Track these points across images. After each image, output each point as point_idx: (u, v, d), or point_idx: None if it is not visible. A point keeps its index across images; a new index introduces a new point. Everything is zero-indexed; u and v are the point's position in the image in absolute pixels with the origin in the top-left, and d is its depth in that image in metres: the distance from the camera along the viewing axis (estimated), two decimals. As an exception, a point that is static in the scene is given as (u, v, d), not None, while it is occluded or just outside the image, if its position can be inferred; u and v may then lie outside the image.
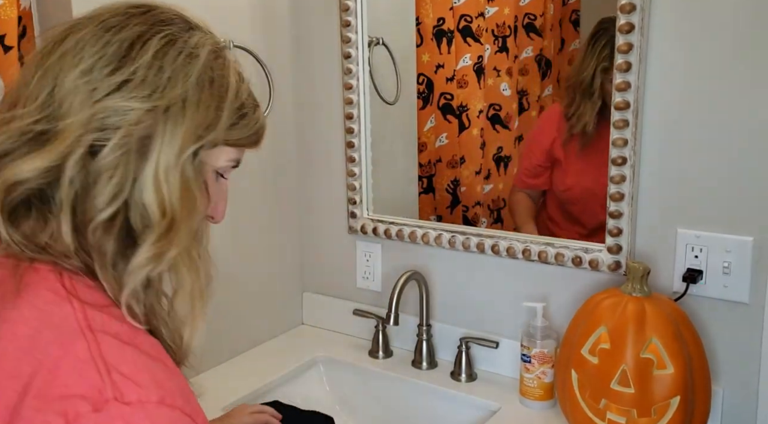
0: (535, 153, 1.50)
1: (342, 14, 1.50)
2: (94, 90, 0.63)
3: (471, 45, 1.53)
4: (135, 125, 0.63)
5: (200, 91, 0.67)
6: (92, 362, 0.56)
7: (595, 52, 1.33)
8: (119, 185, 0.62)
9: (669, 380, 1.07)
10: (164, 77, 0.65)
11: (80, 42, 0.65)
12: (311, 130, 1.64)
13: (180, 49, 0.68)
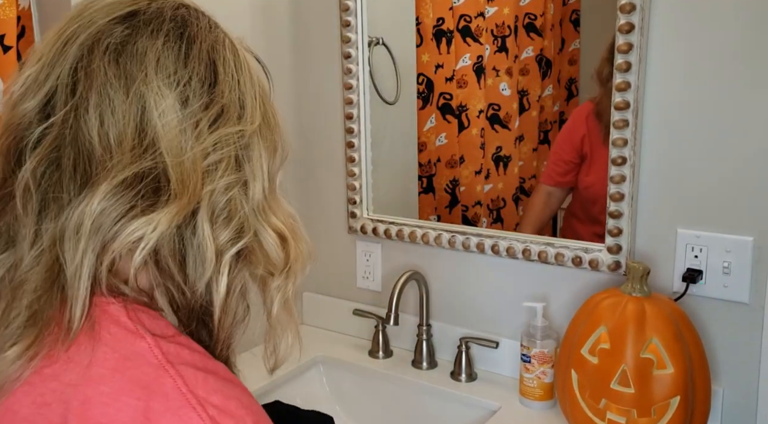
0: (566, 149, 1.50)
1: (342, 14, 1.50)
2: (197, 123, 0.58)
3: (471, 45, 1.53)
4: (239, 155, 0.60)
5: (265, 104, 0.65)
6: (185, 400, 0.52)
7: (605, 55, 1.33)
8: (242, 221, 0.59)
9: (669, 380, 1.07)
10: (248, 97, 0.62)
11: (155, 52, 0.58)
12: (311, 130, 1.64)
13: (242, 57, 0.64)
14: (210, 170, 0.58)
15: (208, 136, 0.58)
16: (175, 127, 0.56)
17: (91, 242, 0.53)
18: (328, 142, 1.61)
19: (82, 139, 0.55)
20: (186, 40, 0.59)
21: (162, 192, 0.55)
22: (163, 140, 0.56)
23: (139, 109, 0.56)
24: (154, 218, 0.54)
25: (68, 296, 0.53)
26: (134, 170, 0.55)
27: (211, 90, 0.59)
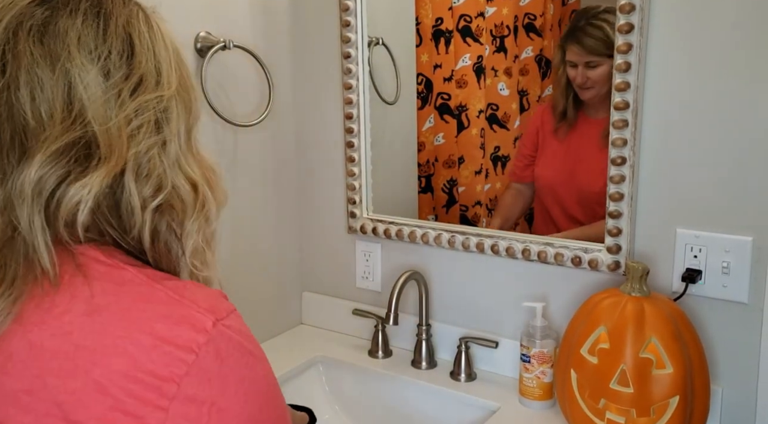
0: (526, 144, 1.53)
1: (342, 14, 1.50)
2: (119, 92, 0.65)
3: (471, 45, 1.53)
4: (158, 118, 0.67)
5: (180, 68, 0.72)
6: (179, 303, 0.63)
7: (559, 42, 1.40)
8: (160, 176, 0.67)
9: (668, 380, 1.07)
10: (163, 65, 0.69)
11: (76, 31, 0.64)
12: (311, 130, 1.65)
13: (156, 29, 0.71)
14: (133, 134, 0.65)
15: (130, 103, 0.65)
16: (100, 98, 0.63)
17: (35, 205, 0.61)
18: (327, 141, 1.61)
19: (17, 115, 0.62)
20: (103, 17, 0.66)
21: (92, 157, 0.63)
22: (89, 110, 0.63)
23: (66, 85, 0.62)
24: (87, 182, 0.62)
25: (31, 250, 0.61)
26: (66, 140, 0.62)
27: (130, 61, 0.66)
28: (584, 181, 1.42)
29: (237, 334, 0.65)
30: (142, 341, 0.60)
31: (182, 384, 0.60)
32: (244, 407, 0.64)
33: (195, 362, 0.60)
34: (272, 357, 1.20)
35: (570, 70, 1.38)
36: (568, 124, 1.44)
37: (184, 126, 0.72)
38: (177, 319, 0.62)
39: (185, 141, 0.71)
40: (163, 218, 0.68)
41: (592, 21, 1.34)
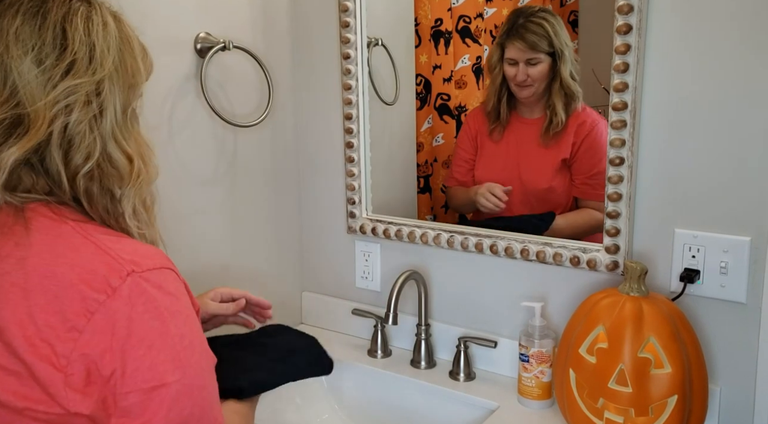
0: (466, 148, 1.55)
1: (341, 15, 1.50)
2: (50, 77, 0.76)
3: (470, 46, 1.53)
4: (89, 97, 0.78)
5: (122, 54, 0.82)
6: (105, 254, 0.74)
7: (498, 40, 1.43)
8: (89, 147, 0.78)
9: (666, 380, 1.07)
10: (98, 51, 0.79)
11: (15, 29, 0.76)
12: (310, 131, 1.65)
13: (97, 22, 0.80)
14: (60, 111, 0.76)
15: (60, 85, 0.76)
16: (31, 82, 0.76)
17: None
18: (327, 142, 1.61)
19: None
20: (40, 15, 0.78)
21: (19, 131, 0.75)
22: (20, 93, 0.76)
23: (2, 73, 0.76)
24: (8, 152, 0.74)
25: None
26: (3, 110, 0.75)
27: (62, 51, 0.77)
28: (529, 181, 1.45)
29: (154, 288, 0.74)
30: (63, 282, 0.72)
31: (92, 320, 0.71)
32: (147, 353, 0.72)
33: (105, 301, 0.71)
34: None
35: (509, 68, 1.41)
36: (501, 125, 1.47)
37: (120, 104, 0.82)
38: (97, 265, 0.73)
39: (121, 117, 0.82)
40: (94, 182, 0.79)
41: (532, 19, 1.38)
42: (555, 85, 1.38)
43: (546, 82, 1.38)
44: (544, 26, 1.36)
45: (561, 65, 1.36)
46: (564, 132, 1.39)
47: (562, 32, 1.36)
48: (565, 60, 1.36)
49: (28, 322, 0.71)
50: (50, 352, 0.70)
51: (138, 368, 0.72)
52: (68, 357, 0.70)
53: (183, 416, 0.74)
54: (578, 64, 1.37)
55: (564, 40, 1.36)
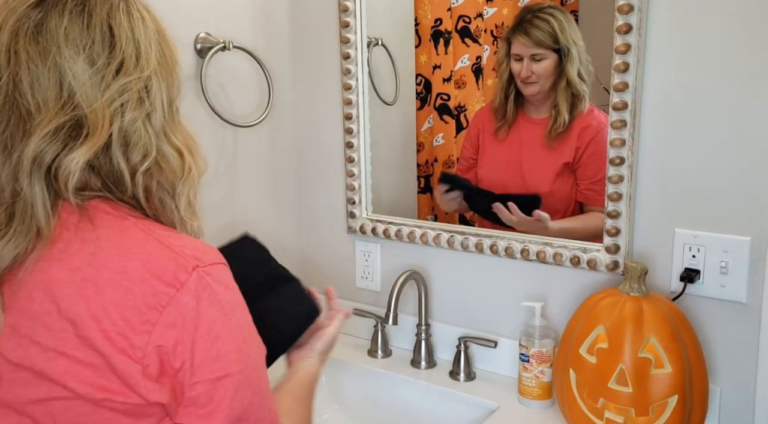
0: (467, 147, 1.55)
1: (341, 15, 1.50)
2: (103, 77, 0.77)
3: (469, 46, 1.53)
4: (140, 94, 0.79)
5: (162, 48, 0.83)
6: (167, 249, 0.76)
7: (505, 35, 1.42)
8: (146, 144, 0.79)
9: (667, 380, 1.07)
10: (143, 48, 0.80)
11: (63, 28, 0.76)
12: (310, 131, 1.65)
13: (137, 16, 0.81)
14: (117, 111, 0.77)
15: (113, 85, 0.77)
16: (86, 83, 0.76)
17: (34, 176, 0.75)
18: (327, 142, 1.61)
19: (20, 104, 0.75)
20: (86, 12, 0.77)
21: (81, 135, 0.75)
22: (77, 94, 0.75)
23: (57, 76, 0.75)
24: (74, 156, 0.74)
25: (30, 210, 0.75)
26: (58, 122, 0.74)
27: (111, 49, 0.78)
28: (531, 183, 1.43)
29: (215, 282, 0.77)
30: (135, 276, 0.73)
31: (164, 313, 0.73)
32: (213, 344, 0.75)
33: (176, 295, 0.73)
34: None
35: (514, 64, 1.40)
36: (508, 124, 1.46)
37: (167, 98, 0.82)
38: (164, 261, 0.75)
39: (168, 112, 0.82)
40: (153, 179, 0.80)
41: (538, 14, 1.36)
42: (561, 84, 1.36)
43: (552, 80, 1.37)
44: (550, 22, 1.35)
45: (567, 63, 1.34)
46: (567, 135, 1.38)
47: (570, 29, 1.34)
48: (571, 58, 1.34)
49: (103, 316, 0.72)
50: (127, 345, 0.72)
51: (205, 358, 0.75)
52: (144, 349, 0.72)
53: (244, 404, 0.78)
54: (590, 64, 1.35)
55: (571, 38, 1.34)
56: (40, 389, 0.73)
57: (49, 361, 0.73)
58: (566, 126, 1.37)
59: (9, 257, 0.75)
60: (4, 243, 0.75)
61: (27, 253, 0.75)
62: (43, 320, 0.73)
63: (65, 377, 0.72)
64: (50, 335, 0.73)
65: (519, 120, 1.45)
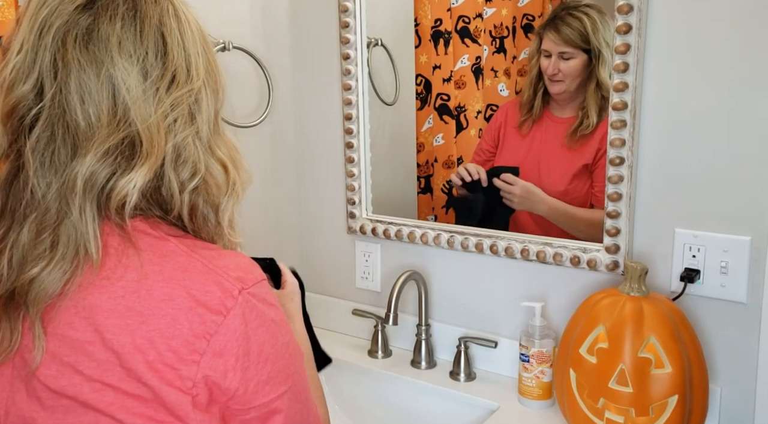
0: (486, 139, 1.54)
1: (341, 15, 1.50)
2: (157, 90, 0.73)
3: (469, 46, 1.53)
4: (191, 108, 0.75)
5: (207, 55, 0.79)
6: (212, 271, 0.72)
7: (537, 30, 1.40)
8: (195, 161, 0.75)
9: (667, 379, 1.07)
10: (192, 57, 0.76)
11: (116, 36, 0.71)
12: (310, 131, 1.65)
13: (184, 20, 0.77)
14: (170, 128, 0.73)
15: (167, 99, 0.73)
16: (140, 97, 0.71)
17: (87, 197, 0.70)
18: (327, 142, 1.61)
19: (69, 117, 0.70)
20: (139, 18, 0.73)
21: (137, 153, 0.71)
22: (132, 110, 0.71)
23: (111, 88, 0.71)
24: (132, 177, 0.70)
25: (80, 236, 0.70)
26: (113, 141, 0.70)
27: (164, 59, 0.74)
28: (547, 181, 1.42)
29: (260, 302, 0.74)
30: (181, 305, 0.70)
31: (212, 341, 0.70)
32: (264, 367, 0.73)
33: (223, 323, 0.70)
34: None
35: (543, 60, 1.38)
36: (532, 119, 1.44)
37: (213, 110, 0.79)
38: (210, 286, 0.71)
39: (213, 125, 0.79)
40: (199, 196, 0.76)
41: (572, 12, 1.34)
42: (591, 86, 1.32)
43: (579, 81, 1.34)
44: (583, 21, 1.32)
45: (598, 65, 1.31)
46: (591, 137, 1.35)
47: (605, 30, 1.29)
48: (603, 60, 1.30)
49: (149, 347, 0.69)
50: (175, 376, 0.69)
51: (258, 383, 0.73)
52: (193, 379, 0.70)
53: (296, 419, 0.77)
54: None
55: (604, 39, 1.29)
56: (85, 418, 0.71)
57: (95, 392, 0.70)
58: (593, 128, 1.34)
59: (58, 285, 0.71)
60: (50, 269, 0.70)
61: (72, 279, 0.71)
62: (86, 350, 0.70)
63: (111, 407, 0.70)
64: (94, 366, 0.70)
65: (544, 117, 1.43)
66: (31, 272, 0.70)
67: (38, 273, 0.70)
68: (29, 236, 0.71)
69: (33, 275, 0.70)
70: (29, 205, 0.71)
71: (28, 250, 0.71)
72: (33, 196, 0.71)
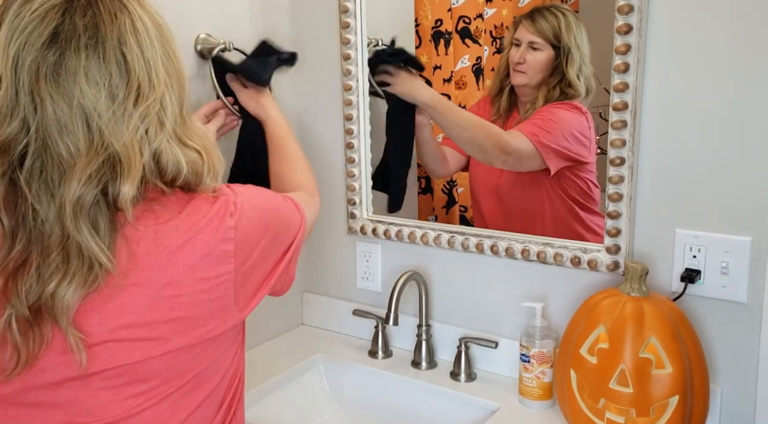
0: None
1: (341, 16, 1.50)
2: (125, 109, 0.79)
3: (470, 46, 1.53)
4: (158, 115, 0.82)
5: (167, 54, 0.85)
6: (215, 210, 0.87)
7: (514, 21, 1.43)
8: (176, 160, 0.83)
9: (667, 380, 1.07)
10: (152, 66, 0.82)
11: (82, 68, 0.77)
12: (311, 132, 1.65)
13: (140, 28, 0.82)
14: (143, 139, 0.80)
15: (135, 114, 0.80)
16: (111, 119, 0.78)
17: (80, 218, 0.77)
18: (327, 143, 1.61)
19: (52, 150, 0.77)
20: (100, 45, 0.79)
21: (117, 171, 0.79)
22: (106, 133, 0.78)
23: (83, 118, 0.77)
24: (123, 192, 0.78)
25: (86, 250, 0.78)
26: (93, 167, 0.77)
27: (127, 76, 0.80)
28: (504, 189, 1.46)
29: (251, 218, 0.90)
30: (203, 239, 0.84)
31: (235, 247, 0.87)
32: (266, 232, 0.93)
33: (235, 234, 0.87)
34: (274, 358, 1.24)
35: (513, 49, 1.41)
36: (502, 120, 1.45)
37: (178, 106, 0.85)
38: (216, 216, 0.86)
39: (180, 118, 0.85)
40: (190, 182, 0.86)
41: (550, 8, 1.38)
42: (551, 80, 1.37)
43: (541, 77, 1.37)
44: (558, 18, 1.36)
45: (566, 63, 1.35)
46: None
47: (578, 32, 1.35)
48: (572, 59, 1.35)
49: (193, 267, 0.84)
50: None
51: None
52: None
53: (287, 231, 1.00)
54: (592, 76, 1.35)
55: (575, 40, 1.35)
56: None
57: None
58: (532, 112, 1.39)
59: (78, 295, 0.78)
60: (66, 282, 0.77)
61: (94, 287, 0.79)
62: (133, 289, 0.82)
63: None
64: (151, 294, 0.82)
65: (512, 119, 1.45)
66: (49, 287, 0.78)
67: (56, 288, 0.77)
68: (43, 255, 0.78)
69: (51, 290, 0.77)
70: (37, 228, 0.78)
71: (44, 268, 0.78)
72: (36, 220, 0.78)
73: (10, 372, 0.80)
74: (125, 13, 0.81)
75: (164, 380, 0.85)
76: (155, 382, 0.85)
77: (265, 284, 0.94)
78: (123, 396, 0.83)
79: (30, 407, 0.83)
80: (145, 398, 0.85)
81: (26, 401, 0.83)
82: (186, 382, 0.87)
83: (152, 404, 0.85)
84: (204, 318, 0.85)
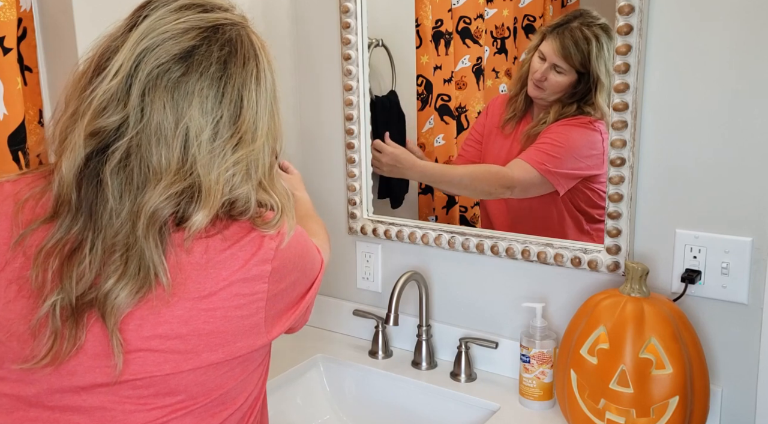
0: (476, 128, 1.54)
1: (342, 16, 1.50)
2: (222, 150, 0.82)
3: (470, 47, 1.53)
4: (248, 166, 0.85)
5: (272, 109, 0.90)
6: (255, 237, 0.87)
7: (543, 28, 1.39)
8: (248, 202, 0.86)
9: (668, 380, 1.07)
10: (259, 120, 0.86)
11: (201, 94, 0.81)
12: (311, 132, 1.65)
13: (262, 81, 0.87)
14: (228, 182, 0.83)
15: (230, 157, 0.83)
16: (208, 154, 0.81)
17: (150, 229, 0.79)
18: (327, 143, 1.62)
19: (145, 155, 0.80)
20: (224, 81, 0.82)
21: (196, 199, 0.81)
22: (198, 164, 0.81)
23: (184, 140, 0.80)
24: (195, 219, 0.81)
25: (149, 260, 0.80)
26: (177, 187, 0.80)
27: (236, 121, 0.83)
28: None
29: (289, 249, 0.89)
30: (244, 257, 0.84)
31: (272, 269, 0.86)
32: (296, 265, 0.92)
33: (274, 256, 0.86)
34: (274, 358, 1.25)
35: (536, 60, 1.37)
36: (515, 119, 1.44)
37: (269, 163, 0.88)
38: (258, 236, 0.86)
39: (269, 175, 0.89)
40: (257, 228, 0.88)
41: (584, 29, 1.30)
42: (569, 100, 1.33)
43: (559, 96, 1.34)
44: (590, 44, 1.27)
45: (596, 92, 1.28)
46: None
47: (608, 57, 1.24)
48: (601, 87, 1.27)
49: (229, 284, 0.85)
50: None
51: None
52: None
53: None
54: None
55: (605, 66, 1.25)
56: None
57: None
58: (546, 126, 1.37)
59: (132, 300, 0.80)
60: (122, 284, 0.79)
61: (146, 296, 0.80)
62: (173, 299, 0.82)
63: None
64: (189, 305, 0.82)
65: (525, 120, 1.44)
66: (105, 285, 0.79)
67: (111, 287, 0.79)
68: (103, 248, 0.80)
69: (107, 289, 0.79)
70: (103, 219, 0.80)
71: (102, 262, 0.80)
72: (105, 211, 0.80)
73: (39, 359, 0.79)
74: (255, 61, 0.86)
75: (190, 395, 0.86)
76: (181, 396, 0.85)
77: (291, 313, 0.94)
78: (149, 407, 0.84)
79: (53, 411, 0.82)
80: (171, 410, 0.85)
81: (49, 403, 0.82)
82: (212, 400, 0.88)
83: (177, 416, 0.85)
84: (234, 335, 0.86)
